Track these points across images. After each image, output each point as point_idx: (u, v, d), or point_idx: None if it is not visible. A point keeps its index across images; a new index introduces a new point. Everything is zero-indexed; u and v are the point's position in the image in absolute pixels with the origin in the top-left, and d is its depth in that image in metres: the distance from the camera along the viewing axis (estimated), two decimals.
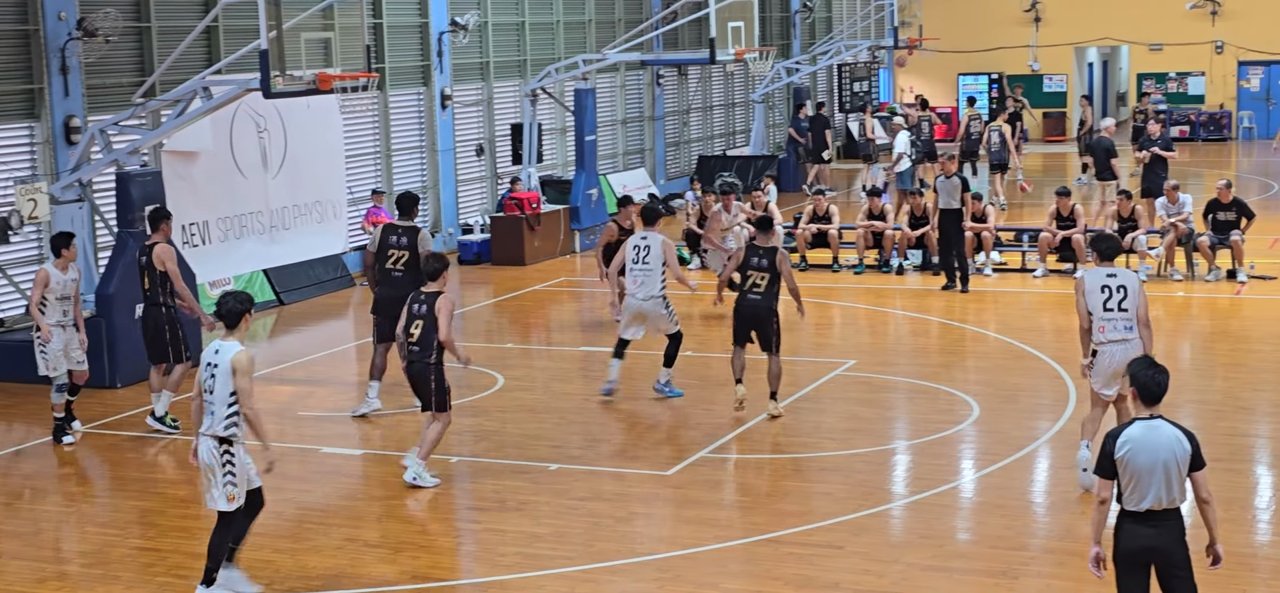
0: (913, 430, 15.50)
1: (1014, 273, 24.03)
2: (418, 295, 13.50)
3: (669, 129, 37.25)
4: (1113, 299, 12.46)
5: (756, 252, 15.51)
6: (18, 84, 20.07)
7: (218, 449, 10.57)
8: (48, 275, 15.24)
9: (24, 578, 11.64)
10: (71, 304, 15.42)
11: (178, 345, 15.88)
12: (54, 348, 15.32)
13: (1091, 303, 12.52)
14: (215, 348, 10.70)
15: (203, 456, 10.63)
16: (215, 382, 10.56)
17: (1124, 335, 12.44)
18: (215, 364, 10.59)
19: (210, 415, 10.60)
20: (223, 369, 10.54)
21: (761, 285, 15.42)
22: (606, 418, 15.93)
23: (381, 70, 25.99)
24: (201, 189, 22.14)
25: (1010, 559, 11.39)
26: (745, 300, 15.52)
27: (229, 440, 10.56)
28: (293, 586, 11.31)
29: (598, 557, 11.72)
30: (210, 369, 10.61)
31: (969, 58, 46.76)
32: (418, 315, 13.35)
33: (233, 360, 10.51)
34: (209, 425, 10.59)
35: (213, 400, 10.57)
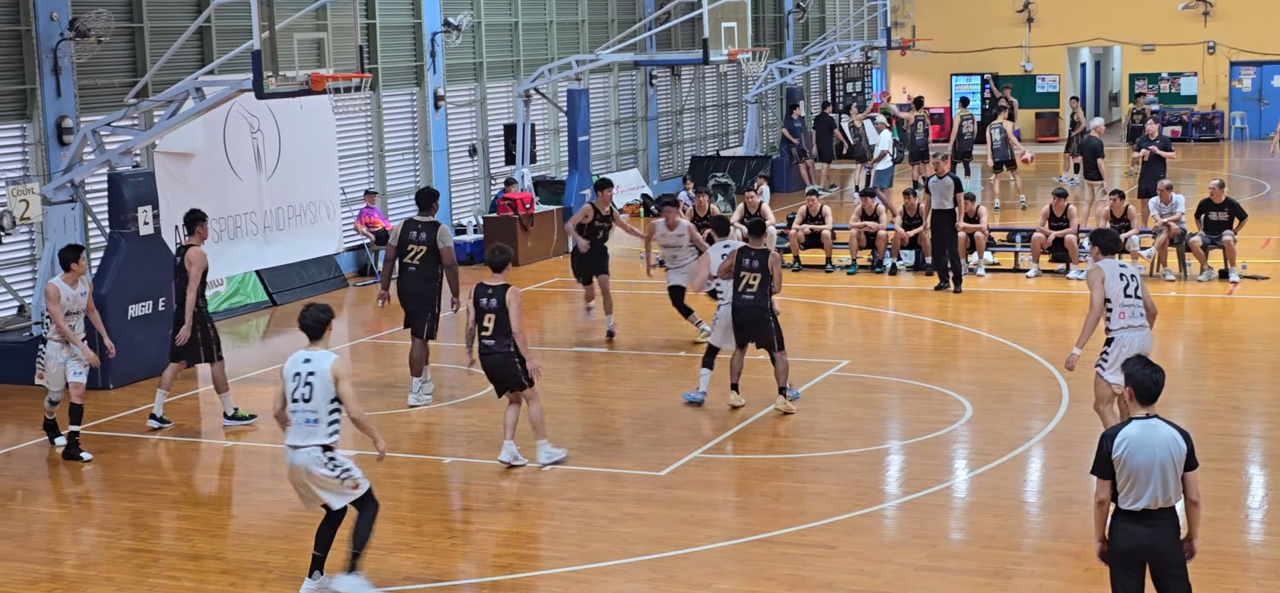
0: (906, 431, 15.51)
1: (1007, 273, 24.05)
2: (485, 289, 13.79)
3: (662, 130, 37.26)
4: (1130, 286, 12.65)
5: (748, 254, 15.56)
6: (10, 84, 20.05)
7: (323, 457, 10.53)
8: (58, 291, 14.71)
9: (16, 580, 11.62)
10: (79, 319, 15.02)
11: (209, 346, 15.98)
12: (55, 363, 14.87)
13: (1111, 290, 12.62)
14: (304, 358, 10.54)
15: (304, 464, 10.52)
16: (313, 391, 10.45)
17: (1141, 322, 12.69)
18: (310, 374, 10.47)
19: (312, 424, 10.48)
20: (322, 377, 10.45)
21: (754, 287, 15.45)
22: (600, 419, 15.93)
23: (374, 71, 25.98)
24: (194, 190, 22.06)
25: (1003, 559, 11.40)
26: (739, 302, 15.54)
27: (331, 446, 10.56)
28: (284, 586, 11.29)
29: (591, 557, 11.71)
30: (303, 380, 10.47)
31: (961, 58, 46.80)
32: (489, 309, 13.69)
33: (333, 369, 10.49)
34: (310, 435, 10.49)
35: (313, 409, 10.46)
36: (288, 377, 10.56)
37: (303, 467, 10.55)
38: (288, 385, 10.54)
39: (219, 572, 11.67)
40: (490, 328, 13.71)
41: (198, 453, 15.58)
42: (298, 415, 10.51)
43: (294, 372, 10.54)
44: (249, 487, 14.19)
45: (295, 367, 10.56)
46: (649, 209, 33.10)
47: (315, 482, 10.60)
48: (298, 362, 10.58)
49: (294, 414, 10.52)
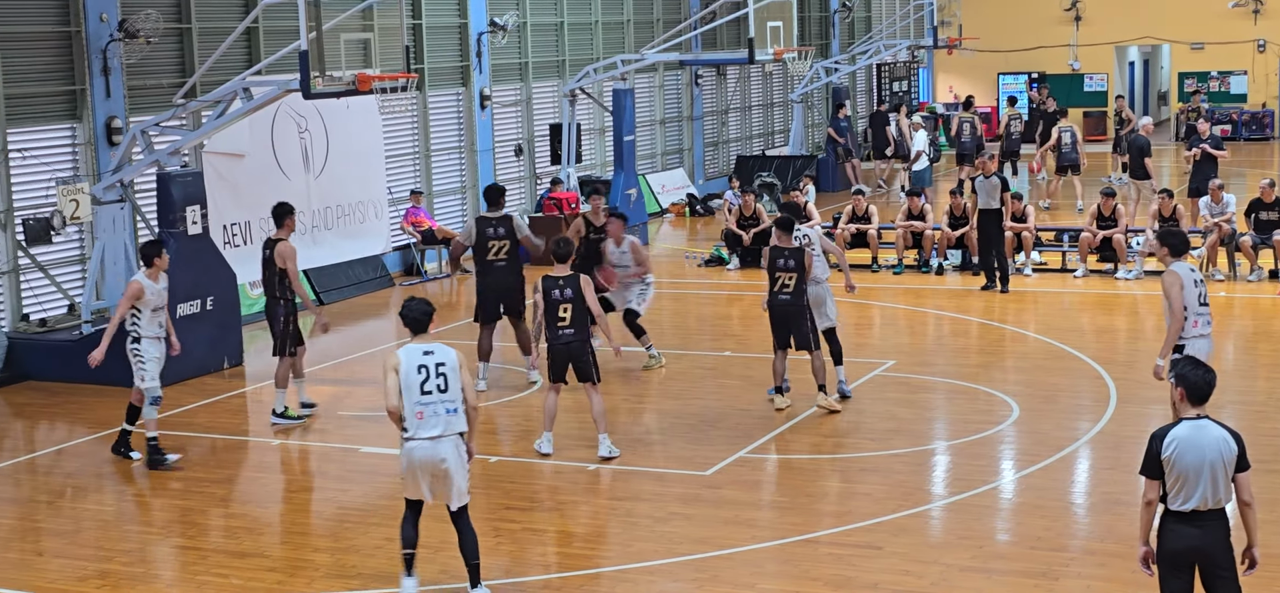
0: (952, 431, 15.45)
1: (1054, 273, 23.92)
2: (555, 280, 14.00)
3: (707, 129, 37.23)
4: (1202, 293, 12.48)
5: (781, 253, 15.53)
6: (60, 85, 20.22)
7: (462, 446, 10.54)
8: (141, 287, 14.50)
9: (66, 576, 11.72)
10: (164, 315, 14.87)
11: (289, 340, 16.11)
12: (153, 359, 14.66)
13: (1188, 297, 12.41)
14: (423, 351, 10.45)
15: (448, 454, 10.44)
16: (448, 381, 10.41)
17: (1209, 330, 12.55)
18: (440, 364, 10.40)
19: (452, 414, 10.42)
20: (453, 367, 10.42)
21: (790, 286, 15.46)
22: (645, 419, 15.93)
23: (421, 71, 26.08)
24: (243, 190, 22.25)
25: (1050, 561, 11.33)
26: (776, 302, 15.55)
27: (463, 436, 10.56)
28: (331, 585, 11.34)
29: (635, 557, 11.72)
30: (434, 371, 10.39)
31: (1008, 57, 46.56)
32: (564, 299, 13.92)
33: (458, 359, 10.50)
34: (452, 424, 10.43)
35: (452, 399, 10.41)
36: (409, 370, 10.38)
37: (446, 457, 10.43)
38: (412, 378, 10.37)
39: (266, 570, 11.73)
40: (567, 318, 13.96)
41: (245, 451, 15.67)
42: (433, 407, 10.38)
43: (417, 365, 10.39)
44: (296, 485, 14.26)
45: (416, 359, 10.41)
46: (694, 209, 33.10)
47: (454, 472, 10.49)
48: (417, 354, 10.43)
49: (427, 406, 10.37)
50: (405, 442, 10.50)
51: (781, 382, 15.80)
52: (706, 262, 25.97)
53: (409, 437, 10.46)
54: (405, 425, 10.45)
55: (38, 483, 14.66)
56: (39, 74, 19.96)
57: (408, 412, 10.42)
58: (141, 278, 14.57)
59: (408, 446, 10.48)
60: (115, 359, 18.09)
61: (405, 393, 10.40)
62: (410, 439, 10.45)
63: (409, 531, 10.76)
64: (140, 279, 14.55)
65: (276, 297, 16.05)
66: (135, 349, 14.61)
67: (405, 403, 10.41)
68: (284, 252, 15.95)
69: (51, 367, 18.62)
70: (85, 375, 18.11)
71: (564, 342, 14.07)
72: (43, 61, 20.02)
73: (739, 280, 24.29)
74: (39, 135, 20.04)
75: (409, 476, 10.57)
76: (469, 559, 10.66)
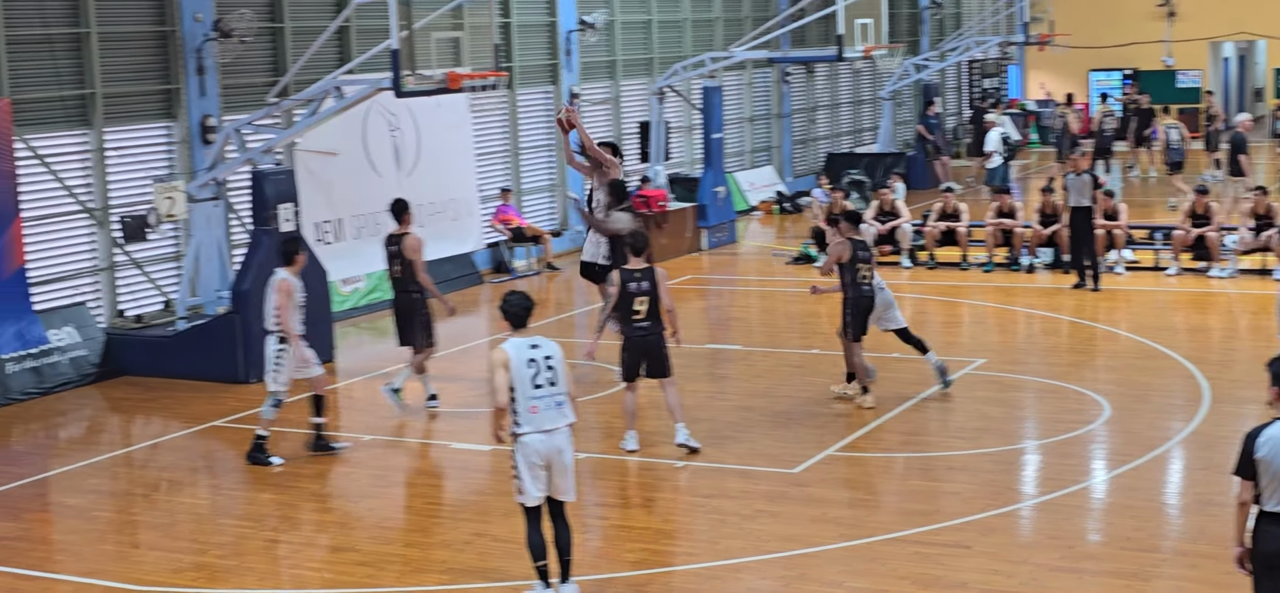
0: (1042, 430, 15.33)
1: (1147, 271, 23.65)
2: (632, 273, 14.12)
3: (796, 127, 37.14)
4: None
5: (862, 246, 15.90)
6: (156, 84, 20.52)
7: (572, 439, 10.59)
8: (291, 285, 14.44)
9: (162, 568, 11.91)
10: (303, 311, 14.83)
11: (427, 330, 16.47)
12: (291, 359, 14.54)
13: None
14: (530, 345, 10.42)
15: (563, 446, 10.44)
16: (556, 374, 10.42)
17: None
18: (548, 358, 10.40)
19: (561, 407, 10.42)
20: (558, 360, 10.45)
21: (870, 279, 15.89)
22: (733, 415, 15.92)
23: (510, 69, 26.21)
24: (334, 188, 22.47)
25: (1141, 561, 11.22)
26: (861, 296, 15.77)
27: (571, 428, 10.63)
28: (423, 580, 11.44)
29: (723, 554, 11.73)
30: (543, 365, 10.37)
31: (1101, 53, 46.03)
32: (641, 292, 14.03)
33: (562, 352, 10.55)
34: (563, 417, 10.43)
35: (560, 392, 10.42)
36: (519, 365, 10.32)
37: (561, 449, 10.44)
38: (523, 373, 10.32)
39: (357, 564, 11.85)
40: (643, 310, 14.04)
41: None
42: (545, 400, 10.35)
43: (527, 359, 10.34)
44: (386, 480, 14.39)
45: (525, 354, 10.36)
46: (782, 207, 33.04)
47: (570, 464, 10.51)
48: (524, 348, 10.39)
49: (539, 399, 10.34)
50: (520, 439, 10.39)
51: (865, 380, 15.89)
52: (794, 259, 25.92)
53: (523, 432, 10.37)
54: (517, 421, 10.38)
55: (134, 477, 14.90)
56: (135, 74, 20.27)
57: (520, 407, 10.35)
58: (288, 276, 14.47)
59: (523, 441, 10.37)
60: (211, 353, 18.40)
61: (517, 388, 10.34)
62: (525, 434, 10.36)
63: (538, 539, 10.55)
64: (287, 277, 14.45)
65: (408, 290, 16.42)
66: (283, 349, 14.47)
67: (517, 398, 10.35)
68: (412, 245, 16.33)
69: (147, 362, 18.90)
70: (180, 371, 18.44)
71: (640, 334, 14.13)
72: (139, 61, 20.33)
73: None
74: (135, 134, 20.35)
75: (528, 472, 10.40)
76: (564, 554, 10.64)
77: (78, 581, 11.72)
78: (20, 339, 17.87)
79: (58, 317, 18.72)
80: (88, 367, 18.69)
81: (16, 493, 14.19)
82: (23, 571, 11.96)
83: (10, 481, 14.52)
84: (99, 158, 19.70)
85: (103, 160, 19.74)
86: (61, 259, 19.46)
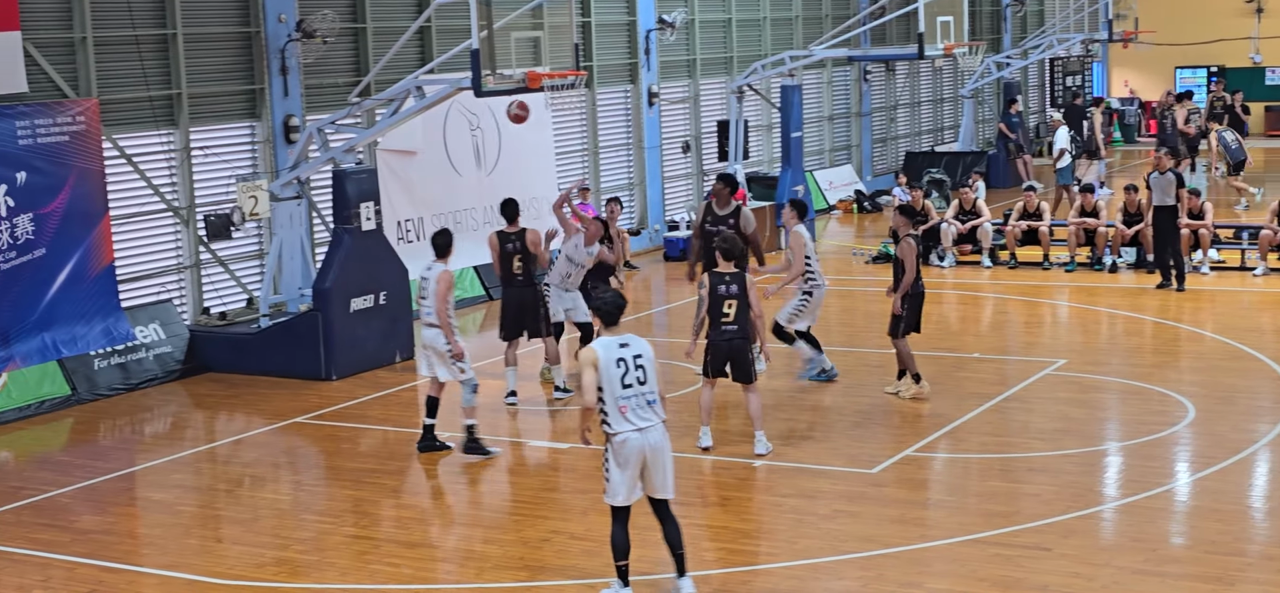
0: (1124, 432, 15.17)
1: (1232, 272, 23.35)
2: (722, 276, 14.11)
3: (876, 125, 36.97)
4: None
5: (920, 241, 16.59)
6: (240, 84, 20.74)
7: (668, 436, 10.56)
8: (452, 277, 14.69)
9: (244, 563, 12.04)
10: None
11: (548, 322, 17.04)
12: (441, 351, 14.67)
13: None
14: (620, 343, 10.40)
15: (659, 444, 10.42)
16: (646, 373, 10.39)
17: None
18: (638, 357, 10.37)
19: (653, 405, 10.40)
20: (649, 359, 10.42)
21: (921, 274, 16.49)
22: (812, 415, 15.89)
23: (589, 68, 26.27)
24: (415, 186, 22.62)
25: (1226, 565, 11.08)
26: (917, 290, 16.16)
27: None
28: (500, 576, 11.50)
29: (801, 554, 11.70)
30: (632, 364, 10.35)
31: (1186, 50, 45.45)
32: (729, 295, 14.05)
33: (652, 351, 10.53)
34: (655, 415, 10.41)
35: (651, 391, 10.39)
36: (608, 365, 10.30)
37: (658, 447, 10.41)
38: (612, 372, 10.29)
39: (436, 560, 11.93)
40: (731, 314, 14.05)
41: (416, 443, 15.92)
42: (634, 399, 10.32)
43: (616, 359, 10.32)
44: (466, 477, 14.47)
45: (615, 354, 10.34)
46: (862, 205, 32.90)
47: (667, 461, 10.49)
48: (614, 348, 10.36)
49: (629, 399, 10.31)
50: (612, 439, 10.36)
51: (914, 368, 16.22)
52: (874, 258, 25.81)
53: (615, 433, 10.34)
54: (607, 421, 10.36)
55: (217, 472, 15.07)
56: (220, 74, 20.50)
57: (609, 408, 10.32)
58: (446, 267, 14.67)
59: (616, 442, 10.34)
60: (293, 350, 18.58)
61: (605, 388, 10.32)
62: (617, 435, 10.33)
63: (623, 539, 10.51)
64: (447, 269, 14.65)
65: (532, 284, 16.90)
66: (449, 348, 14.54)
67: (606, 398, 10.33)
68: (534, 239, 16.82)
69: (230, 359, 19.11)
70: (263, 368, 18.62)
71: (727, 337, 14.13)
72: (224, 62, 20.56)
73: None
74: (220, 133, 20.58)
75: (621, 472, 10.37)
76: (676, 549, 10.61)
77: (162, 574, 11.88)
78: (108, 336, 18.14)
79: (144, 314, 18.97)
80: (172, 363, 18.93)
81: (103, 487, 14.40)
82: (109, 564, 12.13)
83: (97, 475, 14.74)
84: (185, 157, 19.94)
85: (188, 159, 19.99)
86: (147, 257, 19.72)
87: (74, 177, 17.72)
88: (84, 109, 17.92)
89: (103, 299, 18.15)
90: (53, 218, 17.55)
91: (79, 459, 15.56)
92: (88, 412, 17.50)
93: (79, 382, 17.89)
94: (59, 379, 17.79)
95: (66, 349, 17.74)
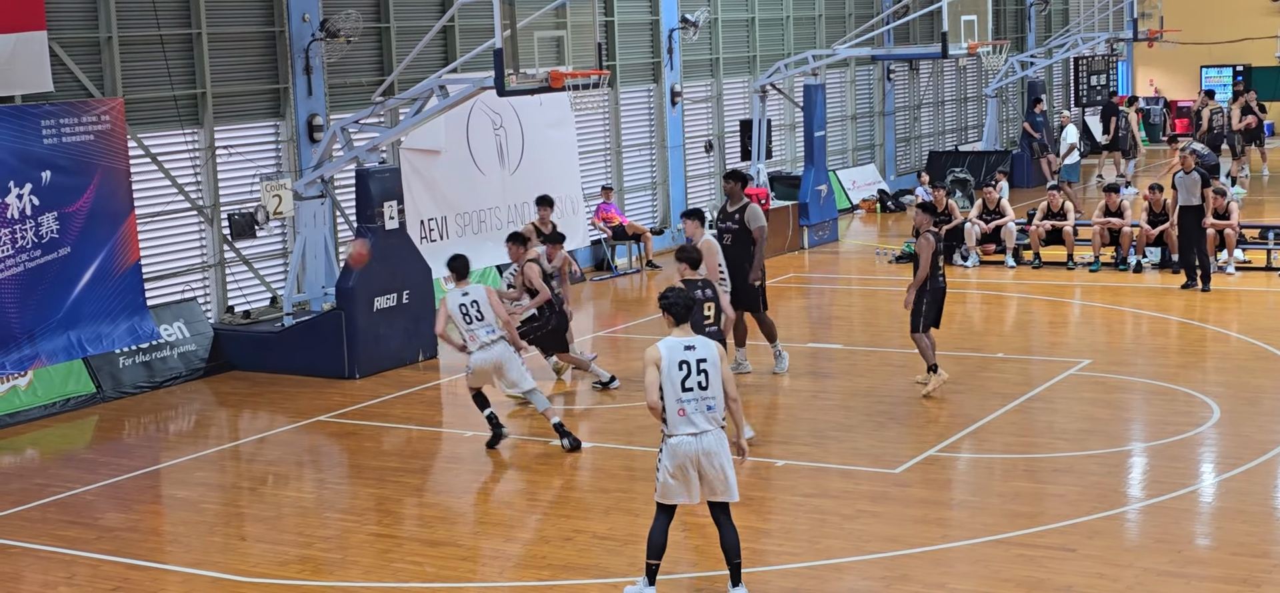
0: (1149, 432, 15.12)
1: (1258, 272, 23.24)
2: (695, 283, 14.20)
3: (899, 124, 36.91)
4: None
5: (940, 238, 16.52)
6: (264, 84, 20.79)
7: (726, 441, 10.42)
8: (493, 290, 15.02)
9: (268, 560, 12.06)
10: None
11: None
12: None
13: None
14: (685, 346, 10.28)
15: (715, 449, 10.28)
16: (709, 378, 10.25)
17: None
18: (701, 360, 10.25)
19: (712, 411, 10.27)
20: (713, 363, 10.28)
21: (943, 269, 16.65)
22: (834, 415, 15.86)
23: (612, 67, 26.27)
24: (438, 185, 22.65)
25: (1252, 567, 11.03)
26: (938, 287, 16.42)
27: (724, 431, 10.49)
28: (522, 575, 11.51)
29: (823, 553, 11.69)
30: (695, 368, 10.21)
31: (1212, 49, 45.27)
32: (706, 298, 14.19)
33: (718, 354, 10.39)
34: (713, 420, 10.28)
35: (712, 395, 10.26)
36: (671, 365, 10.20)
37: (714, 451, 10.28)
38: (674, 374, 10.19)
39: (459, 559, 11.94)
40: (711, 315, 14.20)
41: (439, 442, 15.97)
42: (694, 403, 10.21)
43: (679, 361, 10.20)
44: (489, 476, 14.48)
45: (678, 355, 10.22)
46: (885, 205, 32.84)
47: (726, 465, 10.35)
48: (678, 349, 10.25)
49: (688, 402, 10.20)
50: (667, 439, 10.30)
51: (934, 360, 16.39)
52: (897, 258, 25.77)
53: (671, 434, 10.27)
54: (666, 421, 10.28)
55: (241, 470, 15.11)
56: (244, 73, 20.55)
57: (669, 408, 10.24)
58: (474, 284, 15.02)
59: (671, 443, 10.27)
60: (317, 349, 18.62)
61: (667, 388, 10.22)
62: (673, 437, 10.26)
63: (661, 537, 10.43)
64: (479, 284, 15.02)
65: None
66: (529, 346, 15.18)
67: (666, 399, 10.23)
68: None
69: (254, 357, 19.16)
70: (286, 366, 18.68)
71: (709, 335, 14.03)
72: (248, 61, 20.62)
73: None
74: (244, 132, 20.64)
75: (674, 474, 10.30)
76: (732, 558, 10.52)
77: (186, 571, 11.91)
78: (133, 334, 18.20)
79: (168, 312, 19.03)
80: (196, 361, 18.99)
81: (127, 485, 14.45)
82: (133, 560, 12.17)
83: (121, 473, 14.79)
84: (209, 156, 20.00)
85: (213, 159, 20.04)
86: (172, 256, 19.78)
87: (99, 176, 17.79)
88: (109, 108, 17.98)
89: (128, 298, 18.22)
90: (78, 217, 17.62)
91: (104, 457, 15.62)
92: (113, 410, 17.56)
93: (104, 380, 17.96)
94: (84, 377, 17.87)
95: (92, 347, 17.82)
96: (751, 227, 17.05)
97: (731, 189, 17.47)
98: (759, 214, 17.24)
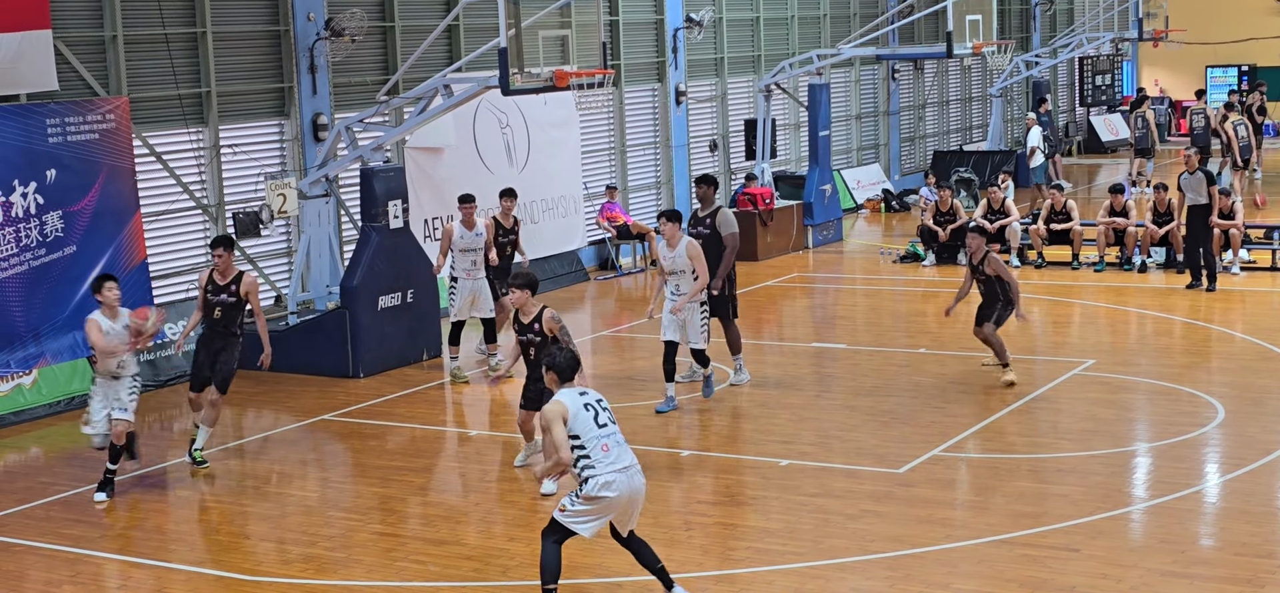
0: (1153, 432, 15.11)
1: (1263, 272, 23.23)
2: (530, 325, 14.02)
3: (904, 124, 36.90)
4: None
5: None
6: (269, 83, 20.81)
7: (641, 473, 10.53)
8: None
9: (272, 559, 12.07)
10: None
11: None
12: None
13: None
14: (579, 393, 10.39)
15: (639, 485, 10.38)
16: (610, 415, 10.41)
17: None
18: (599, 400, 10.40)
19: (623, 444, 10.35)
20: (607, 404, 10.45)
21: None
22: (838, 415, 15.86)
23: (617, 67, 26.28)
24: (443, 184, 22.65)
25: (1256, 568, 11.02)
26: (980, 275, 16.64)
27: None
28: (526, 574, 11.51)
29: (827, 553, 11.69)
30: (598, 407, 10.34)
31: (1217, 49, 45.24)
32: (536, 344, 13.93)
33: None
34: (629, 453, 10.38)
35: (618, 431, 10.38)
36: (578, 411, 10.24)
37: (639, 488, 10.41)
38: (584, 416, 10.23)
39: (463, 558, 11.94)
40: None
41: (443, 441, 15.98)
42: (613, 438, 10.29)
43: (583, 405, 10.28)
44: (493, 475, 14.49)
45: (580, 402, 10.30)
46: (890, 205, 32.84)
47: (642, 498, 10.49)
48: (576, 398, 10.33)
49: (609, 437, 10.26)
50: (598, 480, 10.18)
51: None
52: (901, 258, 25.76)
53: (598, 474, 10.19)
54: (593, 466, 10.20)
55: (246, 468, 15.12)
56: (249, 72, 20.57)
57: (592, 449, 10.22)
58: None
59: (605, 482, 10.19)
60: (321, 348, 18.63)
61: (583, 433, 10.23)
62: (603, 475, 10.19)
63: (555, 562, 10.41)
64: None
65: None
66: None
67: (587, 443, 10.23)
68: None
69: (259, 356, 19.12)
70: (291, 365, 18.68)
71: None
72: (253, 60, 20.63)
73: (934, 277, 24.05)
74: (249, 131, 20.66)
75: (607, 509, 10.29)
76: (655, 565, 10.59)
77: (190, 570, 11.93)
78: None
79: (173, 311, 19.03)
80: None
81: (131, 483, 14.45)
82: (137, 559, 12.19)
83: (125, 471, 14.79)
84: (214, 155, 20.02)
85: (217, 157, 20.06)
86: (176, 254, 19.79)
87: (104, 174, 17.81)
88: (114, 107, 18.00)
89: (134, 296, 18.20)
90: (83, 216, 17.64)
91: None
92: None
93: None
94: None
95: None
96: (723, 232, 16.86)
97: (703, 193, 17.40)
98: (731, 220, 16.98)
